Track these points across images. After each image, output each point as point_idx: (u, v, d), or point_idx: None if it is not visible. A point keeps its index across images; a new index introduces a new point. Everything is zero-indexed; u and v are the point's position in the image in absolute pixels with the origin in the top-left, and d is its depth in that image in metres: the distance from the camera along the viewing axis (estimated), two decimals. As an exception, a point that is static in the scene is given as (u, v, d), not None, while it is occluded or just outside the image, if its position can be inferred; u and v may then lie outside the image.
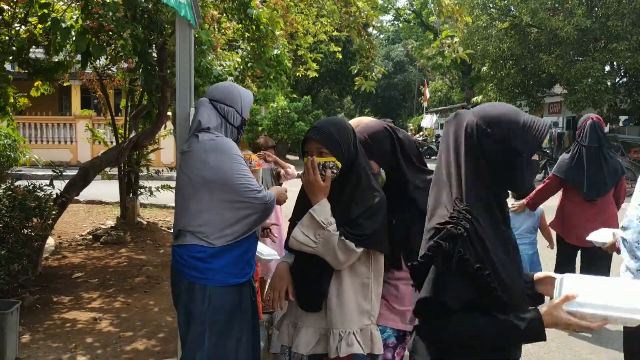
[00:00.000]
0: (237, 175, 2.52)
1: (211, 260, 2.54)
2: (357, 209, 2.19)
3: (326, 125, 2.28)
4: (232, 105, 2.68)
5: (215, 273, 2.54)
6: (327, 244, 2.13)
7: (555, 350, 4.34)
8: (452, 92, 38.43)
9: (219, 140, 2.59)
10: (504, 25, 19.52)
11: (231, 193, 2.52)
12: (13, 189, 5.08)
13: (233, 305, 2.58)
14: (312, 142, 2.26)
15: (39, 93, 7.04)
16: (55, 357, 3.92)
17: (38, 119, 18.03)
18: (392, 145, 2.41)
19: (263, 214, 2.62)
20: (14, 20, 5.57)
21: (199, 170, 2.54)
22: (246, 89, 2.84)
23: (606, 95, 17.14)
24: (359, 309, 2.21)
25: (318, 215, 2.15)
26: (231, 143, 2.62)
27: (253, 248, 2.72)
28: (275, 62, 5.89)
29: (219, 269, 2.54)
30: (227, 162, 2.53)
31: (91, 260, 6.62)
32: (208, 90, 2.79)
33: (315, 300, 2.22)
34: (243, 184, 2.52)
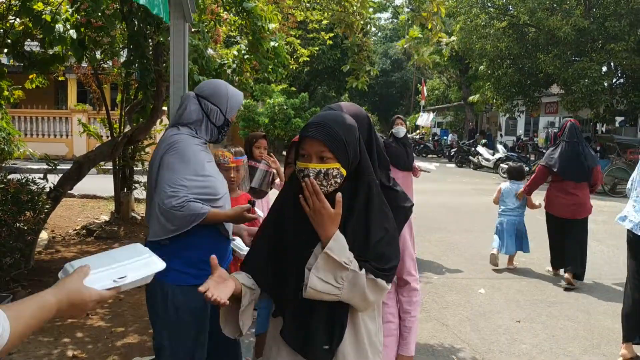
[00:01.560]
0: (165, 176, 2.47)
1: (167, 258, 2.50)
2: (375, 234, 1.73)
3: (329, 121, 1.74)
4: (217, 104, 2.64)
5: (173, 272, 2.47)
6: (354, 287, 1.68)
7: (548, 350, 4.35)
8: (450, 90, 38.42)
9: (179, 137, 2.55)
10: (502, 25, 19.51)
11: (156, 192, 2.49)
12: (6, 182, 5.05)
13: (192, 305, 2.52)
14: (312, 143, 1.71)
15: (33, 85, 7.01)
16: (45, 352, 3.90)
17: (33, 112, 17.96)
18: (369, 131, 1.92)
19: (176, 219, 2.45)
20: (9, 12, 5.54)
21: (155, 161, 2.55)
22: (238, 91, 2.77)
23: (603, 96, 17.16)
24: (372, 350, 1.82)
25: (337, 254, 1.66)
26: (189, 145, 2.53)
27: (219, 249, 2.61)
28: (272, 54, 5.88)
29: (177, 268, 2.49)
30: (167, 161, 2.48)
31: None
32: (199, 84, 2.77)
33: (329, 351, 1.73)
34: (163, 186, 2.45)
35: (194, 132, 2.63)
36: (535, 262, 7.14)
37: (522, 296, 5.71)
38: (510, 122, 30.00)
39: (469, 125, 31.40)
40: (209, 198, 2.52)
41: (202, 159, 2.55)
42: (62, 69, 6.76)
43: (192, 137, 2.60)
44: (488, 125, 34.18)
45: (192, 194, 2.47)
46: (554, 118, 25.21)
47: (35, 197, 5.09)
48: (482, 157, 20.81)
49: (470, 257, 7.28)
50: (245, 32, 5.77)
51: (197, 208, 2.45)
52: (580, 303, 5.53)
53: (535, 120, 27.26)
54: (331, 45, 24.51)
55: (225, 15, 6.12)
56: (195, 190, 2.49)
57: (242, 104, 17.21)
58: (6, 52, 5.85)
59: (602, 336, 4.67)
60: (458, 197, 13.21)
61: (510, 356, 4.24)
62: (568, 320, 5.03)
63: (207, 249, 2.52)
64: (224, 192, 2.66)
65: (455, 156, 23.69)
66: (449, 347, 4.37)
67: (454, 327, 4.80)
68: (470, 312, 5.18)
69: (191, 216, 2.44)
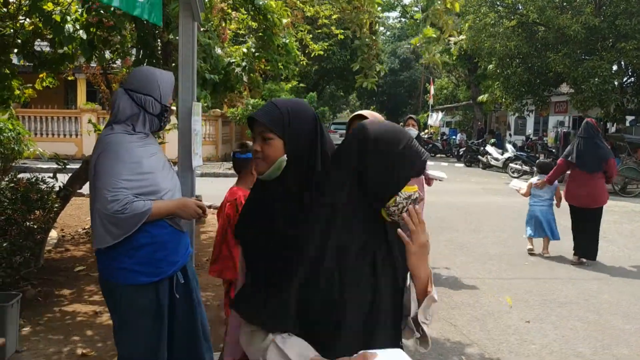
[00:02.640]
0: (102, 179, 2.40)
1: (118, 260, 2.47)
2: None
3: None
4: (149, 94, 2.54)
5: (123, 271, 2.46)
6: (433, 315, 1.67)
7: (558, 350, 4.31)
8: (458, 90, 38.26)
9: (111, 138, 2.49)
10: (511, 23, 19.39)
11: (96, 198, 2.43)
12: (16, 181, 5.08)
13: (144, 303, 2.50)
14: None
15: (44, 84, 7.04)
16: (55, 350, 3.92)
17: (43, 112, 18.07)
18: (314, 126, 1.71)
19: (121, 222, 2.39)
20: (19, 13, 5.56)
21: (91, 165, 2.52)
22: (167, 73, 2.65)
23: (613, 95, 17.01)
24: None
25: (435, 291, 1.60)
26: (121, 143, 2.46)
27: (172, 242, 2.56)
28: (284, 51, 5.88)
29: (127, 267, 2.46)
30: (102, 164, 2.43)
31: (93, 253, 6.59)
32: (127, 78, 2.68)
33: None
34: (102, 191, 2.39)
35: (130, 127, 2.55)
36: (544, 262, 7.09)
37: (532, 296, 5.67)
38: (520, 122, 29.82)
39: (478, 125, 31.27)
40: (151, 195, 2.47)
41: (140, 156, 2.48)
42: (72, 67, 6.78)
43: (127, 135, 2.52)
44: (497, 125, 34.01)
45: (133, 194, 2.41)
46: (564, 117, 25.03)
47: (45, 196, 5.11)
48: (491, 156, 20.71)
49: (479, 257, 7.25)
50: (255, 29, 5.77)
51: (140, 207, 2.39)
52: (591, 304, 5.48)
53: (544, 119, 27.07)
54: (341, 45, 24.54)
55: (234, 14, 6.12)
56: (136, 190, 2.42)
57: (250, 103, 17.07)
58: (16, 52, 5.88)
59: (612, 337, 4.63)
60: (467, 196, 13.15)
61: (520, 356, 4.21)
62: (578, 321, 4.99)
63: (159, 244, 2.50)
64: (169, 186, 2.56)
65: (464, 156, 23.59)
66: (457, 347, 4.35)
67: (462, 327, 4.77)
68: (479, 312, 5.16)
69: (135, 216, 2.38)
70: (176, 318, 2.67)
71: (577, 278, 6.38)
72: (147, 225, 2.45)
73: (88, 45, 4.95)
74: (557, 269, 6.78)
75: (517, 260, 7.14)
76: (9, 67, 5.88)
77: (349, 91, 36.86)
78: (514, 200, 11.49)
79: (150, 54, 5.63)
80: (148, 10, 2.85)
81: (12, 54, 6.02)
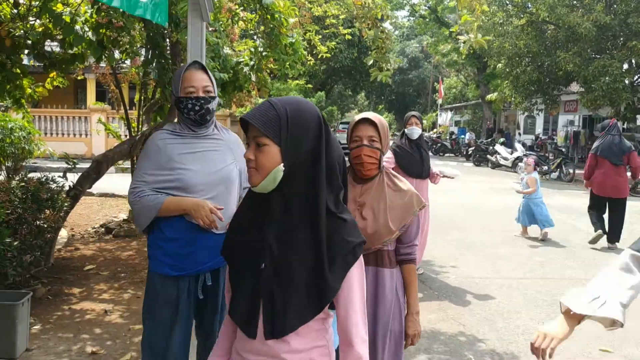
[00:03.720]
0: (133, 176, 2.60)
1: (152, 248, 2.61)
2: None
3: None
4: (173, 90, 2.61)
5: (155, 261, 2.59)
6: None
7: (567, 350, 4.29)
8: (467, 89, 38.14)
9: (151, 137, 2.63)
10: (520, 22, 19.30)
11: None
12: (26, 180, 5.11)
13: (167, 295, 2.57)
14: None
15: (55, 83, 7.09)
16: (65, 348, 3.94)
17: (53, 111, 18.19)
18: (318, 131, 1.48)
19: (136, 213, 2.56)
20: (30, 13, 5.60)
21: None
22: (183, 66, 2.67)
23: (624, 94, 16.88)
24: None
25: None
26: (153, 141, 2.58)
27: (197, 240, 2.55)
28: (291, 51, 5.88)
29: (158, 257, 2.58)
30: (138, 159, 2.67)
31: (102, 252, 6.66)
32: None
33: None
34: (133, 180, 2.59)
35: (176, 126, 2.63)
36: (554, 262, 7.06)
37: (541, 296, 5.64)
38: (529, 121, 29.67)
39: (487, 124, 31.15)
40: (176, 190, 2.51)
41: (170, 151, 2.53)
42: (82, 67, 6.83)
43: (167, 133, 2.59)
44: (506, 124, 33.86)
45: (153, 188, 2.50)
46: (574, 116, 24.87)
47: (55, 195, 5.15)
48: (500, 156, 20.62)
49: (488, 257, 7.22)
50: (263, 29, 5.78)
51: (151, 200, 2.48)
52: (601, 304, 5.44)
53: (554, 118, 26.91)
54: (348, 43, 24.53)
55: (242, 13, 6.14)
56: (158, 184, 2.51)
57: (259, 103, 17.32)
58: (27, 52, 5.93)
59: (622, 337, 4.59)
60: (475, 196, 13.10)
61: (529, 356, 4.19)
62: (588, 321, 4.94)
63: (185, 241, 2.54)
64: (199, 182, 2.54)
65: (473, 155, 23.50)
66: (467, 346, 4.34)
67: (471, 327, 4.76)
68: (488, 312, 5.14)
69: (145, 208, 2.49)
70: (198, 318, 2.75)
71: (587, 278, 6.33)
72: (176, 221, 2.52)
73: (98, 46, 4.98)
74: (566, 269, 6.74)
75: (527, 259, 7.11)
76: (20, 67, 5.93)
77: (357, 90, 36.84)
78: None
79: (160, 54, 5.65)
80: (152, 10, 2.85)
81: (22, 55, 6.06)
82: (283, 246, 1.47)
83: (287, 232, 1.47)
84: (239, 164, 2.71)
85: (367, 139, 2.43)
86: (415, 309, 2.52)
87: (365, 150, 2.42)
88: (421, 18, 35.49)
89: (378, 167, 2.49)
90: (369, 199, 2.46)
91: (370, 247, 2.41)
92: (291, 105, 1.47)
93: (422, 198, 2.54)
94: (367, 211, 2.44)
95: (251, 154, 1.46)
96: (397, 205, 2.45)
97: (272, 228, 1.47)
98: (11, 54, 5.64)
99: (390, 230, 2.41)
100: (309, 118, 1.47)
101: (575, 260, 7.14)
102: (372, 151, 2.43)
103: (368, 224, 2.41)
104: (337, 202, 1.52)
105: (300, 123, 1.45)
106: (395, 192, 2.49)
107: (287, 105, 1.46)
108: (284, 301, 1.45)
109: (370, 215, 2.43)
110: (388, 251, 2.49)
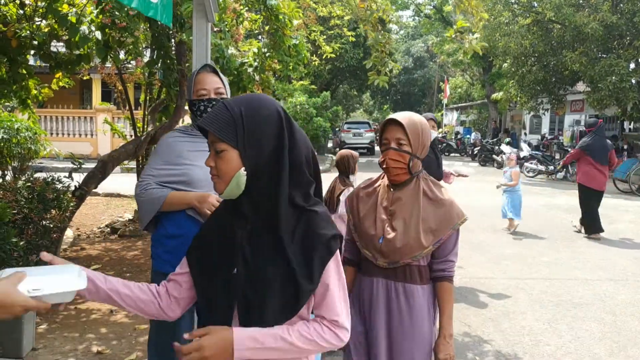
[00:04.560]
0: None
1: (155, 246, 2.64)
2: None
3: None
4: (187, 94, 2.68)
5: (157, 259, 2.62)
6: None
7: (574, 352, 4.27)
8: (473, 88, 38.04)
9: (162, 138, 2.71)
10: (526, 22, 19.23)
11: None
12: (32, 180, 5.13)
13: None
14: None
15: (60, 84, 7.12)
16: (71, 348, 3.96)
17: (59, 112, 18.26)
18: (279, 129, 1.42)
19: (141, 207, 2.58)
20: (36, 14, 5.63)
21: None
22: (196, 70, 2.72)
23: (630, 93, 16.79)
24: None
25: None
26: (164, 138, 2.66)
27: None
28: (294, 52, 5.89)
29: (160, 256, 2.60)
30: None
31: (108, 252, 6.68)
32: None
33: None
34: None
35: (188, 128, 2.71)
36: (560, 263, 7.03)
37: (547, 297, 5.62)
38: (535, 121, 29.55)
39: (493, 124, 31.06)
40: (182, 184, 2.54)
41: (180, 148, 2.58)
42: (88, 67, 6.86)
43: (179, 133, 2.67)
44: (512, 124, 33.75)
45: (160, 182, 2.54)
46: (580, 116, 24.75)
47: (60, 195, 5.16)
48: (506, 155, 20.56)
49: (494, 257, 7.20)
50: (267, 30, 5.79)
51: (155, 193, 2.51)
52: (606, 304, 5.42)
53: (560, 118, 26.79)
54: (353, 44, 24.54)
55: (247, 14, 6.15)
56: (164, 178, 2.54)
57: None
58: (33, 53, 5.95)
59: (628, 338, 4.57)
60: (481, 196, 13.07)
61: (534, 357, 4.18)
62: (594, 322, 4.94)
63: (187, 238, 2.50)
64: (205, 177, 2.47)
65: (479, 155, 23.41)
66: (472, 346, 4.33)
67: (477, 327, 4.75)
68: (493, 313, 5.13)
69: (149, 201, 2.51)
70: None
71: (593, 279, 6.31)
72: (178, 217, 2.53)
73: (103, 46, 5.00)
74: (572, 269, 6.71)
75: (532, 260, 7.08)
76: (26, 67, 5.96)
77: (362, 90, 36.83)
78: (530, 199, 11.41)
79: (165, 54, 5.67)
80: (161, 11, 2.88)
81: (29, 55, 6.09)
82: (255, 250, 1.43)
83: (256, 236, 1.44)
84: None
85: (395, 141, 2.25)
86: (449, 331, 2.29)
87: (391, 154, 2.25)
88: (426, 18, 35.45)
89: (408, 172, 2.28)
90: (401, 208, 2.27)
91: (398, 260, 2.23)
92: (246, 104, 1.40)
93: None
94: (398, 221, 2.24)
95: (211, 161, 1.42)
96: (433, 217, 2.24)
97: (244, 232, 1.44)
98: (17, 54, 5.66)
99: (421, 244, 2.21)
100: (267, 115, 1.39)
101: (581, 260, 7.11)
102: (400, 155, 2.24)
103: (397, 235, 2.22)
104: (307, 195, 1.46)
105: (257, 122, 1.38)
106: (432, 201, 2.28)
107: (242, 105, 1.39)
108: (259, 306, 1.42)
109: (400, 226, 2.23)
110: (419, 266, 2.27)
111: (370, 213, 2.33)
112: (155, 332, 2.67)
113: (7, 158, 8.14)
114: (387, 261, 2.25)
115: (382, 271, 2.28)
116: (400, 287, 2.26)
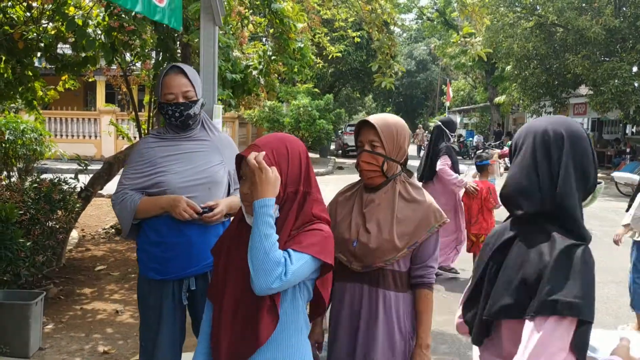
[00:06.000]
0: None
1: (140, 251, 2.62)
2: None
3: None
4: (155, 94, 2.70)
5: (141, 263, 2.61)
6: None
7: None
8: (475, 91, 38.06)
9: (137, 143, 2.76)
10: (529, 24, 19.26)
11: None
12: (39, 182, 5.17)
13: (151, 299, 2.57)
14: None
15: (67, 86, 7.16)
16: (77, 347, 3.99)
17: (63, 113, 18.31)
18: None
19: (118, 216, 2.58)
20: (42, 17, 5.67)
21: None
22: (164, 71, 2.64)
23: (633, 97, 16.80)
24: None
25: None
26: (136, 145, 2.69)
27: (180, 244, 2.52)
28: (299, 55, 5.93)
29: (143, 260, 2.59)
30: None
31: (113, 253, 6.72)
32: None
33: None
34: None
35: (161, 130, 2.68)
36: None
37: (549, 299, 5.64)
38: (537, 124, 29.50)
39: (495, 127, 31.04)
40: (157, 191, 2.51)
41: (154, 155, 2.55)
42: (94, 69, 6.90)
43: (152, 138, 2.65)
44: (514, 127, 33.73)
45: (133, 189, 2.53)
46: (582, 119, 24.77)
47: (66, 196, 5.20)
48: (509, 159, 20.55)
49: (496, 260, 7.21)
50: (272, 33, 5.83)
51: (127, 200, 2.51)
52: (609, 307, 5.44)
53: (563, 121, 26.75)
54: (356, 46, 24.54)
55: (251, 17, 6.19)
56: (138, 185, 2.53)
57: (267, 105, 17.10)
58: (39, 55, 5.99)
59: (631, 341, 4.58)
60: (484, 199, 13.07)
61: (537, 359, 4.19)
62: (596, 325, 4.94)
63: (168, 245, 2.51)
64: (180, 183, 2.52)
65: (481, 157, 23.38)
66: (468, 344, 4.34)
67: (479, 329, 4.76)
68: (496, 315, 5.14)
69: (124, 210, 2.51)
70: (193, 316, 2.69)
71: (597, 280, 6.31)
72: (159, 224, 2.50)
73: (110, 49, 5.04)
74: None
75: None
76: (32, 69, 6.00)
77: (365, 92, 36.82)
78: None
79: (170, 56, 5.70)
80: (168, 15, 2.89)
81: (35, 57, 6.13)
82: None
83: None
84: (227, 165, 2.64)
85: (368, 143, 2.20)
86: (426, 341, 2.19)
87: (364, 156, 2.21)
88: (429, 21, 35.50)
89: (383, 174, 2.22)
90: (376, 210, 2.20)
91: (370, 263, 2.16)
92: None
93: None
94: (371, 224, 2.18)
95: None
96: (408, 218, 2.16)
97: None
98: (24, 56, 5.70)
99: (395, 246, 2.13)
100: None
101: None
102: (373, 157, 2.19)
103: (371, 237, 2.15)
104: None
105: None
106: (408, 203, 2.21)
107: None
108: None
109: (374, 229, 2.16)
110: (394, 271, 2.18)
111: (346, 217, 2.27)
112: (141, 334, 2.67)
113: (13, 159, 8.18)
114: (362, 265, 2.18)
115: (356, 276, 2.21)
116: (373, 292, 2.18)
